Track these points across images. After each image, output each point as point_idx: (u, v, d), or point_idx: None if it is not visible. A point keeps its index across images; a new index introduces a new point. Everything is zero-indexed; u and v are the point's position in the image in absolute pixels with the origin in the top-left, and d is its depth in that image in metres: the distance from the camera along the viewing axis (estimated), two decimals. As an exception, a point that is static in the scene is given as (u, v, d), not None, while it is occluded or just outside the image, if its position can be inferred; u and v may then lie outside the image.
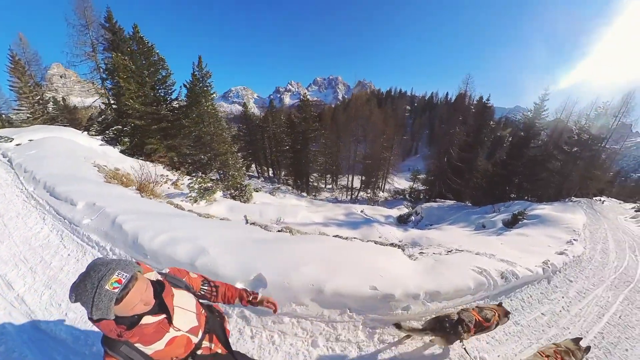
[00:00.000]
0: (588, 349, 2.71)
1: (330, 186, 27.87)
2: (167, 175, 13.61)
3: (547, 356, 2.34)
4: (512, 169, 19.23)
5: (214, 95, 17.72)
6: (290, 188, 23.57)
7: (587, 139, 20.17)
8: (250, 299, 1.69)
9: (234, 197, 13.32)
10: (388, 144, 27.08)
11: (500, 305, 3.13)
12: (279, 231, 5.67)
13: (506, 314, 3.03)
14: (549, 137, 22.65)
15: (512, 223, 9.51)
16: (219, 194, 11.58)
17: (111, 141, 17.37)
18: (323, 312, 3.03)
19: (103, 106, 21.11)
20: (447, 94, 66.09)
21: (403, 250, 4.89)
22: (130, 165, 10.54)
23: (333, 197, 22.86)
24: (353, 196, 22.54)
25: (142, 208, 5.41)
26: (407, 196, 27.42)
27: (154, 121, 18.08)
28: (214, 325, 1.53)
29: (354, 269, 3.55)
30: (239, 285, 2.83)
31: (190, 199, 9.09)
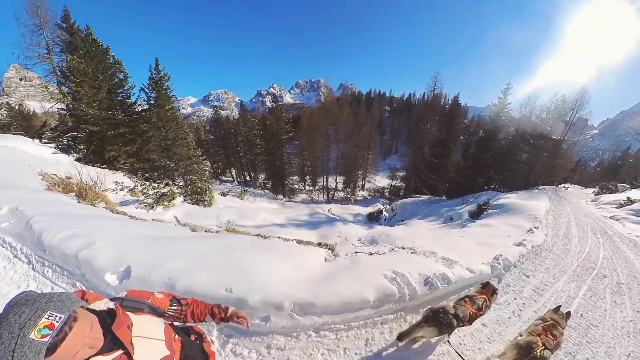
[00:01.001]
0: (568, 314, 2.85)
1: (310, 188, 27.10)
2: (122, 182, 12.57)
3: (538, 335, 2.41)
4: (481, 162, 19.25)
5: (174, 98, 16.55)
6: (267, 191, 22.55)
7: (548, 130, 21.25)
8: (223, 315, 1.48)
9: (197, 202, 12.47)
10: (365, 143, 26.74)
11: (486, 285, 2.97)
12: (206, 231, 5.54)
13: (494, 292, 2.95)
14: (515, 130, 23.21)
15: (477, 214, 9.05)
16: (179, 200, 11.16)
17: (68, 149, 15.85)
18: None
19: (61, 112, 19.32)
20: (423, 94, 67.38)
21: (332, 250, 4.19)
22: (86, 173, 9.94)
23: (309, 199, 22.07)
24: (330, 196, 21.84)
25: (67, 212, 5.23)
26: (386, 194, 27.04)
27: (111, 127, 16.62)
28: (192, 351, 1.37)
29: (223, 268, 3.31)
30: (125, 283, 2.80)
31: (146, 206, 8.64)
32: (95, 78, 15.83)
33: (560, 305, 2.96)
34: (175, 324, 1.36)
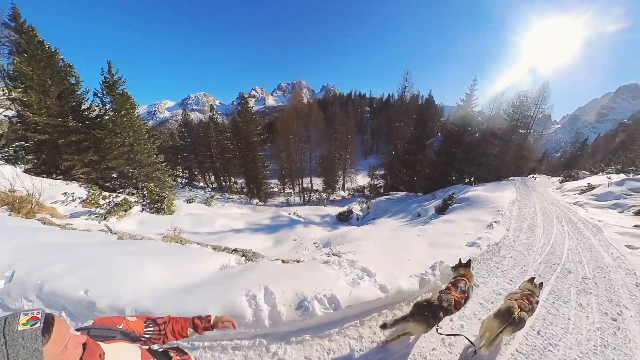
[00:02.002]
0: (541, 284, 2.93)
1: (290, 190, 26.10)
2: (73, 193, 11.21)
3: (516, 300, 2.51)
4: (452, 156, 19.04)
5: (131, 102, 15.11)
6: (242, 196, 21.30)
7: (514, 124, 21.77)
8: (206, 324, 1.42)
9: (158, 210, 11.34)
10: (342, 143, 26.10)
11: (467, 265, 2.89)
12: (140, 239, 5.34)
13: (467, 265, 2.91)
14: (486, 126, 23.65)
15: (443, 209, 8.44)
16: (136, 209, 10.61)
17: (15, 159, 14.09)
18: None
19: (9, 119, 17.28)
20: (406, 95, 67.93)
21: (244, 255, 4.38)
22: (30, 184, 8.81)
23: (284, 202, 21.06)
24: (307, 198, 20.91)
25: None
26: (366, 192, 26.46)
27: (62, 135, 14.93)
28: None
29: (97, 271, 3.17)
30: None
31: (97, 216, 8.14)
32: (42, 83, 14.15)
33: (534, 277, 2.98)
34: (155, 347, 1.29)
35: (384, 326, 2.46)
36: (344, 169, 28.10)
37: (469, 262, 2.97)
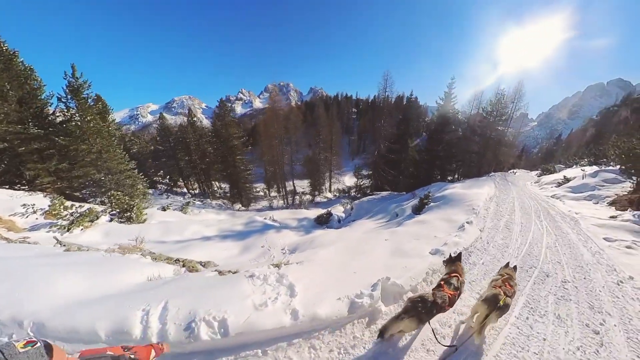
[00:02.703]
0: (515, 267, 3.09)
1: (276, 194, 25.31)
2: (33, 205, 10.19)
3: (499, 287, 2.60)
4: (434, 154, 18.78)
5: (103, 106, 14.02)
6: (225, 202, 20.33)
7: (493, 120, 22.03)
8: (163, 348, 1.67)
9: (129, 219, 10.59)
10: (327, 145, 25.56)
11: (457, 259, 2.86)
12: (86, 250, 5.19)
13: (457, 259, 2.90)
14: (466, 124, 23.88)
15: (419, 208, 7.94)
16: (104, 218, 10.01)
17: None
18: None
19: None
20: (387, 95, 67.98)
21: (184, 265, 4.24)
22: None
23: (267, 206, 20.26)
24: (291, 201, 20.16)
25: None
26: (352, 193, 25.90)
27: (23, 142, 13.67)
28: None
29: (11, 282, 2.99)
30: None
31: (60, 228, 7.66)
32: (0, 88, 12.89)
33: (509, 262, 3.14)
34: None
35: (381, 335, 2.38)
36: (329, 170, 27.52)
37: (460, 255, 2.94)
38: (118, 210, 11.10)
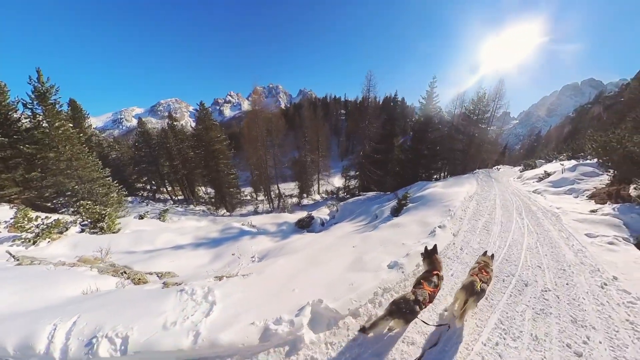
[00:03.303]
0: (492, 256, 3.29)
1: (262, 197, 24.59)
2: None
3: (476, 274, 2.79)
4: (418, 153, 18.53)
5: (65, 113, 13.02)
6: (208, 207, 19.45)
7: (475, 119, 22.14)
8: None
9: (101, 229, 9.89)
10: (312, 146, 25.05)
11: (433, 253, 2.88)
12: (38, 263, 4.92)
13: (433, 252, 2.94)
14: (451, 122, 23.95)
15: (397, 210, 7.45)
16: (74, 229, 9.55)
17: None
18: None
19: None
20: (375, 97, 67.88)
21: (129, 277, 4.11)
22: None
23: (252, 210, 19.55)
24: (276, 205, 19.55)
25: None
26: (341, 194, 25.39)
27: (-17, 152, 12.57)
28: None
29: None
30: None
31: (25, 241, 7.25)
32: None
33: (487, 251, 3.28)
34: None
35: (362, 330, 2.38)
36: (317, 172, 26.99)
37: (435, 247, 2.95)
38: (89, 220, 10.28)
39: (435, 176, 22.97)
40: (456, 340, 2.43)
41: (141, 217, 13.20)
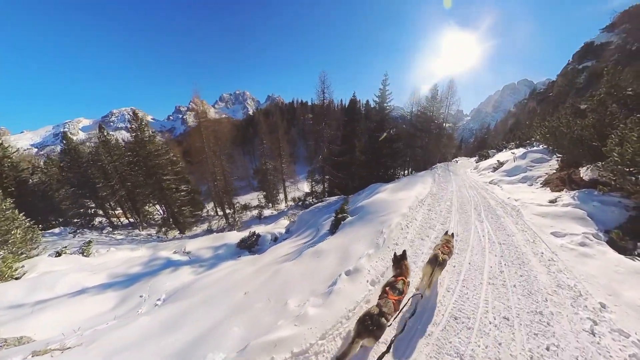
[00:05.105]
0: (453, 235, 3.60)
1: (228, 211, 21.73)
2: None
3: (439, 249, 3.13)
4: (376, 152, 17.29)
5: None
6: (159, 231, 16.32)
7: (431, 115, 22.01)
8: None
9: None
10: (274, 153, 22.95)
11: (402, 259, 2.80)
12: None
13: (403, 257, 2.87)
14: (410, 120, 23.70)
15: (335, 226, 5.66)
16: None
17: None
18: None
19: None
20: (341, 100, 67.41)
21: None
22: None
23: (206, 229, 16.78)
24: (232, 220, 17.04)
25: None
26: (307, 200, 23.42)
27: None
28: None
29: None
30: None
31: None
32: None
33: (448, 230, 3.73)
34: None
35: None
36: (282, 179, 24.85)
37: (404, 253, 2.90)
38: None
39: (402, 172, 22.27)
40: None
41: (58, 254, 10.00)
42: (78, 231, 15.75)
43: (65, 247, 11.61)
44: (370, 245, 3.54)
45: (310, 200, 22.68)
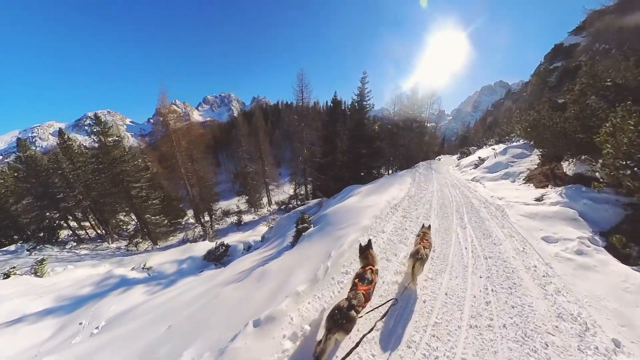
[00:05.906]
0: (429, 226, 3.66)
1: (207, 219, 20.23)
2: None
3: (419, 243, 3.12)
4: (356, 152, 16.51)
5: None
6: (128, 243, 14.65)
7: (412, 113, 21.60)
8: None
9: None
10: (254, 156, 21.70)
11: (367, 249, 2.67)
12: None
13: (368, 247, 2.75)
14: (392, 121, 23.25)
15: (296, 237, 4.68)
16: None
17: None
18: None
19: None
20: (326, 102, 66.83)
21: None
22: None
23: (181, 240, 15.30)
24: (210, 226, 15.66)
25: None
26: (291, 203, 22.28)
27: None
28: None
29: None
30: None
31: None
32: None
33: (425, 223, 3.68)
34: None
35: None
36: (264, 182, 23.60)
37: (370, 242, 2.80)
38: None
39: (387, 172, 21.64)
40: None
41: (6, 276, 8.39)
42: (38, 247, 13.82)
43: (14, 267, 9.90)
44: (310, 274, 2.52)
45: (295, 204, 21.56)
